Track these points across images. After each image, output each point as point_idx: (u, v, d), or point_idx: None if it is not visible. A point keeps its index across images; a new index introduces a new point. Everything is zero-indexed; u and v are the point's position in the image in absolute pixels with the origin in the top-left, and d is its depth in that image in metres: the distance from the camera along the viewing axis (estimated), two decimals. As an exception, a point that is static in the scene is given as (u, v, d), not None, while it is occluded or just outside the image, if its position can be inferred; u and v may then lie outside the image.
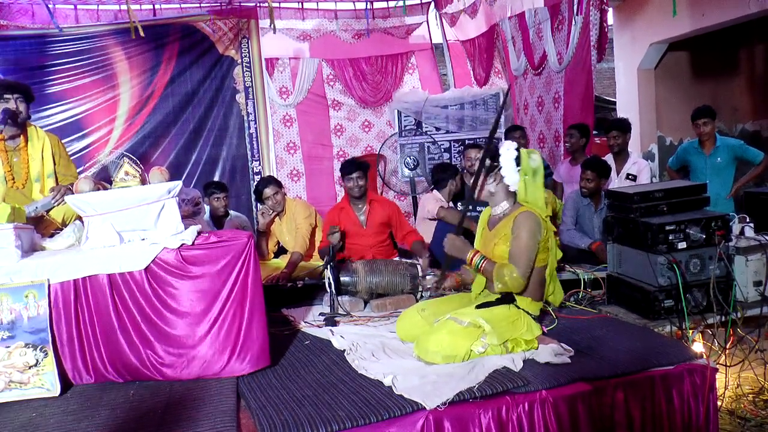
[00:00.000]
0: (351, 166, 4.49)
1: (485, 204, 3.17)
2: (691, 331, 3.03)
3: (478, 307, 2.90)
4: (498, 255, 2.95)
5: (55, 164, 3.58)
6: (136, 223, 2.83)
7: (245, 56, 6.65)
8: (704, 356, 2.75)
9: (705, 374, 2.61)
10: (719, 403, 2.86)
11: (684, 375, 2.60)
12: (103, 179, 4.23)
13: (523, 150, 2.98)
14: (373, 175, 6.69)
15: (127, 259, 2.73)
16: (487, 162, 2.98)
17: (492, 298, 2.98)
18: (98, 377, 2.74)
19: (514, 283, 2.85)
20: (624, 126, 4.98)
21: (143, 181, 3.48)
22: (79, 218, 3.08)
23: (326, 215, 4.72)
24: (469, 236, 3.38)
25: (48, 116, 5.92)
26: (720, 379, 2.86)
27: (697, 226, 3.18)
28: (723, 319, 3.15)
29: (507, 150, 2.95)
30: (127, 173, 3.30)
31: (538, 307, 3.01)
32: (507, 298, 2.92)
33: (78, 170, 5.64)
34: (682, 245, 3.16)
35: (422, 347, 2.74)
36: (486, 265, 2.93)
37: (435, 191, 4.98)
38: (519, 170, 2.94)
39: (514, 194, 3.03)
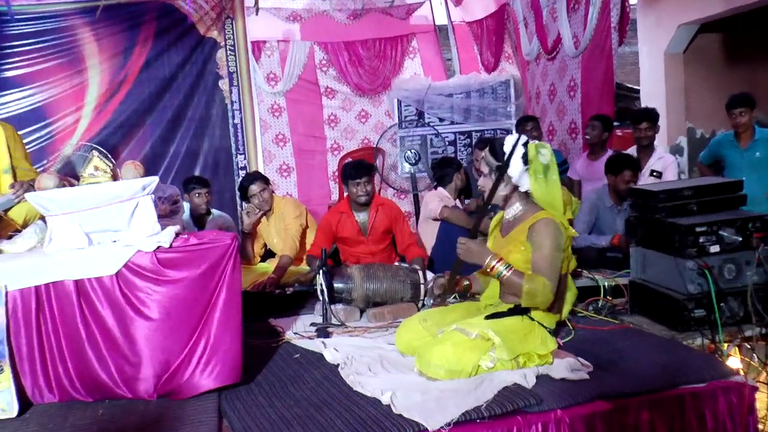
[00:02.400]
0: (357, 170, 4.37)
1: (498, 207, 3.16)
2: (725, 345, 3.01)
3: (488, 317, 2.88)
4: (511, 263, 2.93)
5: (11, 158, 3.55)
6: (106, 224, 2.81)
7: (229, 38, 6.63)
8: (741, 373, 2.74)
9: (742, 393, 2.59)
10: (760, 426, 2.84)
11: (718, 393, 2.59)
12: (69, 174, 4.20)
13: (530, 145, 2.96)
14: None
15: (96, 263, 2.71)
16: (493, 162, 2.96)
17: (503, 308, 2.96)
18: (62, 395, 2.72)
19: (547, 297, 2.82)
20: (655, 117, 4.96)
21: (115, 177, 3.47)
22: (42, 218, 3.06)
23: (322, 219, 4.68)
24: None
25: (5, 104, 5.87)
26: (761, 399, 2.83)
27: (732, 228, 3.16)
28: (763, 331, 3.12)
29: (514, 148, 2.92)
30: (96, 168, 3.29)
31: (554, 319, 3.00)
32: (520, 309, 2.90)
33: (40, 165, 5.61)
34: (715, 249, 3.14)
35: (424, 360, 2.73)
36: (512, 276, 2.85)
37: (440, 188, 4.97)
38: (527, 169, 2.94)
39: (527, 195, 3.03)
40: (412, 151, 6.67)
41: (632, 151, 4.99)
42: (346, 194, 4.64)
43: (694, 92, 7.26)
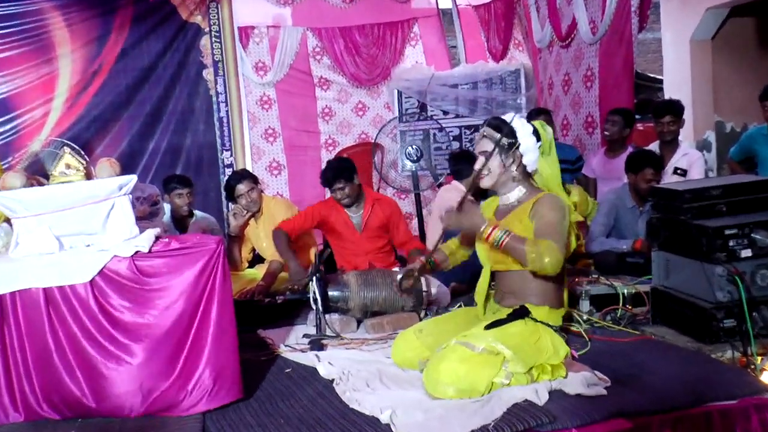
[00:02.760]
0: (331, 180, 4.47)
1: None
2: (759, 358, 3.00)
3: (488, 327, 2.84)
4: None
5: None
6: (79, 226, 2.82)
7: (214, 24, 6.63)
8: (777, 389, 2.74)
9: (778, 411, 2.59)
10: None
11: (750, 411, 2.58)
12: (38, 173, 4.21)
13: (534, 121, 3.08)
14: (369, 168, 6.68)
15: (67, 270, 2.71)
16: (504, 141, 2.98)
17: (502, 313, 2.96)
18: (29, 414, 2.72)
19: (555, 259, 2.76)
20: (679, 110, 4.96)
21: (88, 175, 3.48)
22: (7, 220, 3.06)
23: (315, 206, 4.71)
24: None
25: (-36, 96, 5.88)
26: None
27: (766, 230, 3.16)
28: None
29: (522, 124, 3.01)
30: (68, 166, 3.30)
31: (559, 315, 3.02)
32: (520, 313, 2.89)
33: (5, 162, 5.59)
34: (747, 253, 3.14)
35: (431, 378, 2.72)
36: (512, 241, 2.81)
37: (454, 182, 5.06)
38: (540, 145, 3.01)
39: (529, 178, 3.06)
40: (414, 146, 6.66)
41: (654, 146, 5.00)
42: None
43: (723, 82, 7.25)
